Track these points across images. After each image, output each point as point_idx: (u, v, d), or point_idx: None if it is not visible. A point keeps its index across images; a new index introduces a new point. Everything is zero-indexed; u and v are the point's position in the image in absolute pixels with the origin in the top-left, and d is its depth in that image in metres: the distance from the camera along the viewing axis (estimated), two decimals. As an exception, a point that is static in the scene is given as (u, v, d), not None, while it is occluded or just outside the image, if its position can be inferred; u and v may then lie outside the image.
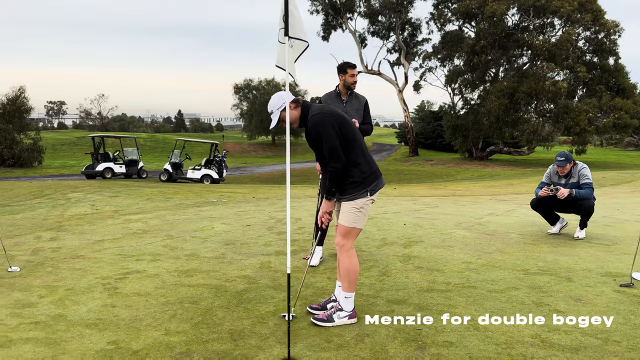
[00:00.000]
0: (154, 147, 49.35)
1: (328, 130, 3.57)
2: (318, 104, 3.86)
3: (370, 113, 5.79)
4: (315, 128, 3.60)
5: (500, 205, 10.80)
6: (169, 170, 25.81)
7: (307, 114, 3.65)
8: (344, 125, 3.67)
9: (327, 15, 42.30)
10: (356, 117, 5.59)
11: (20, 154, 32.20)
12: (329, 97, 5.74)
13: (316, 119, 3.60)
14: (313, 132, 3.62)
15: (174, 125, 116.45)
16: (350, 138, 3.68)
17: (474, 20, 40.54)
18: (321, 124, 3.59)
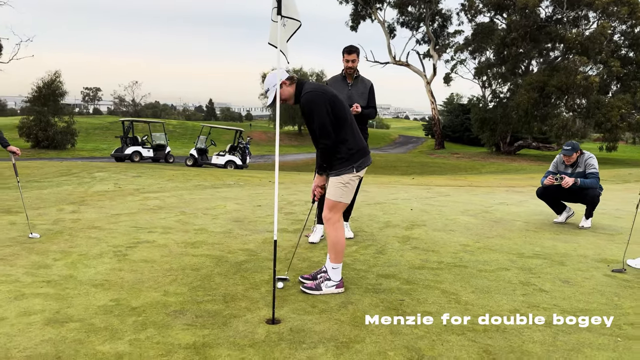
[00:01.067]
0: (183, 134, 50.28)
1: (320, 107, 3.75)
2: (312, 82, 4.04)
3: (375, 97, 5.92)
4: (307, 105, 3.78)
5: (514, 195, 10.79)
6: (195, 156, 26.38)
7: (302, 91, 3.84)
8: (336, 104, 3.84)
9: (357, 5, 42.13)
10: (360, 100, 5.73)
11: (54, 136, 33.34)
12: (335, 81, 5.90)
13: (308, 97, 3.78)
14: (306, 109, 3.80)
15: (205, 113, 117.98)
16: (341, 117, 3.86)
17: (505, 12, 39.78)
18: (313, 101, 3.77)
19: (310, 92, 3.80)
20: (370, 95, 5.86)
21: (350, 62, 5.66)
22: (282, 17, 3.39)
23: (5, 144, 5.99)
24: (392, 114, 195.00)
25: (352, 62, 5.65)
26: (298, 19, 3.42)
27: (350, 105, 5.71)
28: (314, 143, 3.95)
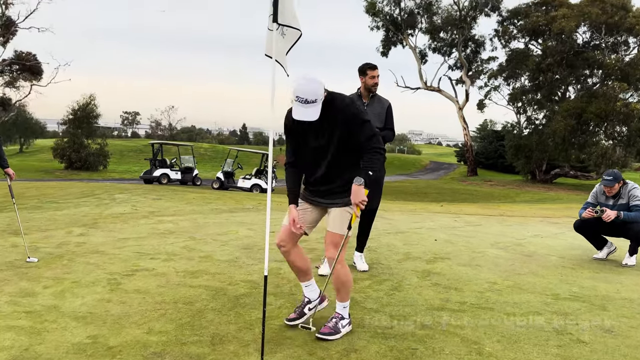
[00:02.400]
0: (214, 157, 50.76)
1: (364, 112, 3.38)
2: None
3: (393, 118, 5.50)
4: (353, 106, 3.28)
5: (549, 227, 10.08)
6: (221, 179, 26.36)
7: (333, 99, 3.28)
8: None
9: (388, 32, 42.05)
10: (377, 121, 5.33)
11: (87, 158, 34.06)
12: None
13: (350, 101, 3.32)
14: (351, 110, 3.25)
15: (238, 138, 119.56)
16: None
17: (541, 38, 39.00)
18: (357, 106, 3.38)
19: (349, 97, 3.38)
20: (388, 116, 5.45)
21: (376, 77, 5.29)
22: (280, 25, 3.02)
23: (4, 165, 5.79)
24: (425, 140, 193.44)
25: (377, 77, 5.29)
26: (298, 28, 3.04)
27: None
28: (316, 158, 3.44)
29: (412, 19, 41.20)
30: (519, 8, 39.35)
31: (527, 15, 38.40)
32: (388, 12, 41.39)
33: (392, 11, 41.30)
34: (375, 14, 40.95)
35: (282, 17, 2.93)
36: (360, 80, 5.43)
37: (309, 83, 3.09)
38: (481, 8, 39.18)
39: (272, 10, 2.93)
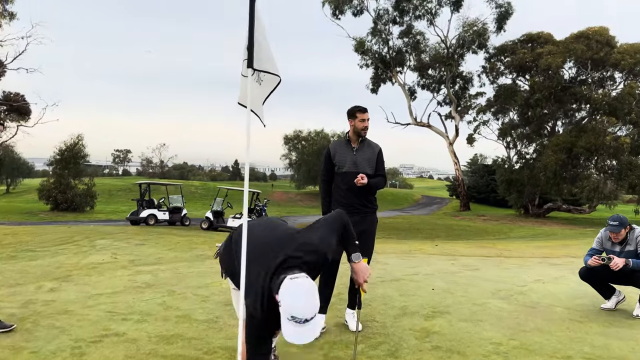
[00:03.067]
0: (205, 195, 50.15)
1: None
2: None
3: (384, 164, 5.17)
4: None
5: (550, 270, 9.66)
6: (210, 219, 25.79)
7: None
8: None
9: (377, 69, 42.49)
10: (367, 167, 4.99)
11: (73, 199, 33.40)
12: (338, 145, 5.23)
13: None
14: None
15: (231, 174, 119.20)
16: None
17: (528, 74, 39.49)
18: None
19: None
20: (379, 162, 5.11)
21: (366, 121, 4.97)
22: (256, 71, 2.67)
23: None
24: (416, 174, 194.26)
25: (367, 121, 4.98)
26: (277, 74, 2.69)
27: (356, 174, 4.96)
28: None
29: (400, 56, 41.72)
30: (505, 45, 39.98)
31: (513, 52, 38.99)
32: (377, 51, 41.93)
33: (381, 49, 41.86)
34: (364, 53, 41.44)
35: (258, 62, 2.59)
36: (349, 123, 5.12)
37: (308, 299, 2.55)
38: (468, 46, 39.78)
39: (246, 54, 2.59)
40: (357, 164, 5.01)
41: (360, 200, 5.00)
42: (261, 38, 2.62)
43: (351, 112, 5.06)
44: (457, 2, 37.87)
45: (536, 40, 38.67)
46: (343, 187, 5.06)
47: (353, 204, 4.98)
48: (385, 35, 40.74)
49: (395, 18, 40.18)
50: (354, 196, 4.99)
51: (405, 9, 39.15)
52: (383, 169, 5.11)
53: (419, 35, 40.78)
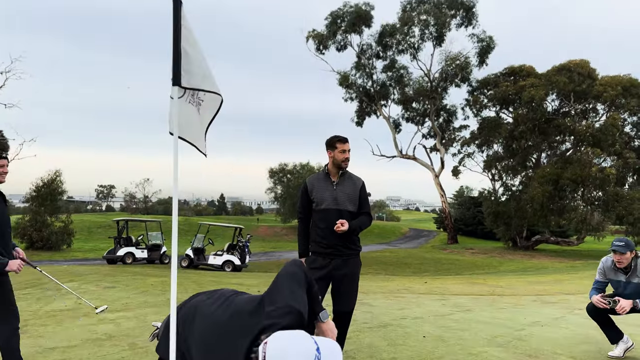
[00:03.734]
0: (187, 230, 48.97)
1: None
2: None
3: (368, 199, 4.60)
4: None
5: (547, 309, 9.06)
6: (191, 256, 24.84)
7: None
8: None
9: (362, 103, 42.56)
10: (349, 203, 4.44)
11: (49, 237, 32.20)
12: (316, 179, 4.68)
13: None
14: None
15: (216, 208, 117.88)
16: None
17: (511, 106, 39.78)
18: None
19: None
20: (362, 197, 4.55)
21: (347, 152, 4.45)
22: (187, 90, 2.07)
23: None
24: (403, 206, 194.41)
25: (348, 152, 4.45)
26: (216, 92, 2.06)
27: (337, 211, 4.40)
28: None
29: (384, 90, 41.87)
30: (488, 78, 40.36)
31: (496, 85, 39.32)
32: (361, 84, 42.07)
33: (365, 83, 42.00)
34: (348, 86, 41.54)
35: (188, 78, 1.96)
36: (328, 155, 4.59)
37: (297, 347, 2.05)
38: (451, 79, 40.10)
39: (173, 70, 1.98)
40: (337, 200, 4.45)
41: (342, 241, 4.44)
42: (190, 49, 2.01)
43: (330, 142, 4.53)
44: (439, 36, 38.32)
45: (518, 74, 39.10)
46: (322, 226, 4.49)
47: (333, 245, 4.43)
48: (369, 70, 40.98)
49: (378, 53, 40.51)
50: (334, 237, 4.42)
51: (388, 44, 39.49)
52: (367, 206, 4.55)
53: (403, 70, 41.09)
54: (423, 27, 38.30)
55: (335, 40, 39.77)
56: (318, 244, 4.51)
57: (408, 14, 38.36)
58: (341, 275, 4.44)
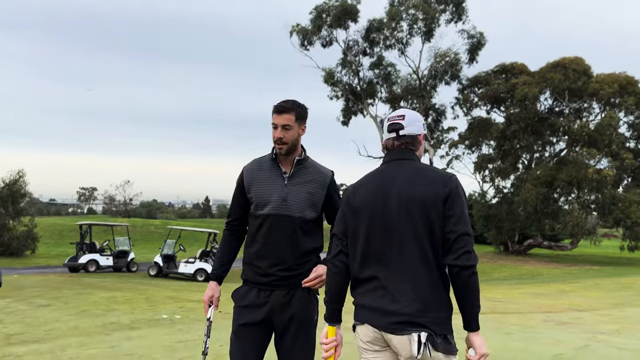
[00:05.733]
0: (165, 235, 46.93)
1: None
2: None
3: (338, 202, 2.87)
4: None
5: (564, 334, 7.47)
6: (159, 264, 22.89)
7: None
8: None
9: (348, 101, 40.85)
10: (307, 208, 2.84)
11: (10, 242, 29.95)
12: (257, 168, 2.97)
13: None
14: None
15: (201, 210, 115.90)
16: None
17: (503, 105, 38.40)
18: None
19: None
20: (331, 200, 2.91)
21: (281, 129, 2.77)
22: None
23: None
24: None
25: (285, 129, 2.77)
26: None
27: (287, 219, 2.83)
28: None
29: (371, 88, 40.25)
30: (478, 76, 38.94)
31: (487, 83, 37.93)
32: (347, 82, 40.42)
33: (351, 81, 40.33)
34: (334, 84, 39.86)
35: None
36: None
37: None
38: (440, 76, 38.56)
39: None
40: (288, 202, 2.79)
41: (288, 263, 2.81)
42: None
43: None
44: (429, 31, 36.77)
45: (510, 71, 37.76)
46: (261, 241, 2.86)
47: (275, 272, 2.80)
48: (355, 67, 39.30)
49: (365, 49, 38.87)
50: (278, 256, 2.80)
51: (375, 40, 37.89)
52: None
53: (390, 67, 39.44)
54: (411, 22, 36.71)
55: (320, 35, 37.99)
56: (252, 267, 2.88)
57: (396, 9, 36.74)
58: (287, 317, 2.81)
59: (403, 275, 2.15)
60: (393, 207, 2.19)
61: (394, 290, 2.15)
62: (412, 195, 2.18)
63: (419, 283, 2.13)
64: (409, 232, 2.15)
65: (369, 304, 2.22)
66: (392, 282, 2.17)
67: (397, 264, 2.17)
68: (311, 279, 2.75)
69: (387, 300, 2.16)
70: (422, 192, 2.17)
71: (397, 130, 2.35)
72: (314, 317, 2.86)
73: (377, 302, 2.19)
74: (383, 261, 2.20)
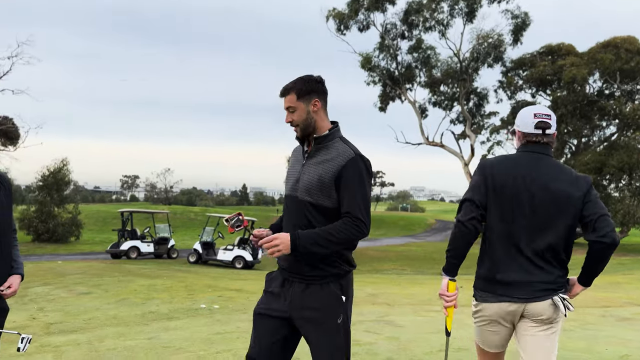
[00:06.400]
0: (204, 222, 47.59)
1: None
2: None
3: (357, 189, 2.52)
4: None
5: (627, 332, 6.92)
6: (199, 251, 23.13)
7: None
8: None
9: (385, 87, 40.11)
10: (315, 191, 2.53)
11: (55, 229, 30.87)
12: (296, 149, 2.84)
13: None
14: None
15: (239, 198, 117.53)
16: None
17: (549, 88, 36.88)
18: None
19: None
20: (344, 186, 2.51)
21: (287, 112, 2.62)
22: None
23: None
24: (427, 196, 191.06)
25: (290, 111, 2.60)
26: None
27: (295, 200, 2.60)
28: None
29: (409, 72, 39.36)
30: (523, 58, 37.51)
31: (532, 65, 36.50)
32: (385, 67, 39.65)
33: (389, 65, 39.54)
34: (371, 69, 39.17)
35: None
36: None
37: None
38: (483, 59, 37.30)
39: None
40: (299, 184, 2.59)
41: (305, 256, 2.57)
42: None
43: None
44: (471, 12, 35.54)
45: (557, 52, 36.21)
46: (283, 224, 2.73)
47: (292, 260, 2.56)
48: (393, 51, 38.44)
49: (403, 32, 37.96)
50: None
51: (414, 22, 36.91)
52: (353, 202, 2.49)
53: (430, 50, 38.43)
54: (452, 3, 35.57)
55: (357, 19, 37.32)
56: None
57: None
58: (301, 318, 2.53)
59: (543, 253, 2.57)
60: (537, 196, 2.53)
61: (534, 265, 2.58)
62: (557, 188, 2.54)
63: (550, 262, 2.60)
64: (549, 219, 2.54)
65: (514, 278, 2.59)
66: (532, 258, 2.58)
67: (538, 243, 2.57)
68: (265, 240, 2.45)
69: (527, 274, 2.58)
70: (565, 187, 2.54)
71: (545, 128, 2.62)
72: (336, 321, 2.50)
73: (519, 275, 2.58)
74: (523, 240, 2.57)
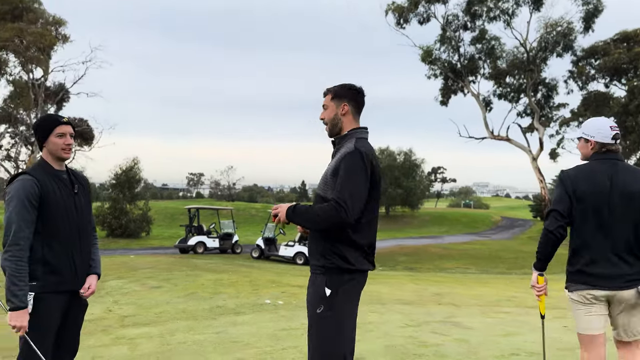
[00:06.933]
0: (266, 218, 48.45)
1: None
2: None
3: (342, 178, 2.68)
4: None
5: None
6: (261, 247, 23.56)
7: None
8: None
9: (447, 79, 39.07)
10: (324, 183, 2.79)
11: (127, 225, 32.51)
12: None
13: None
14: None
15: (298, 194, 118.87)
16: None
17: (624, 77, 34.62)
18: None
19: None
20: (339, 175, 2.69)
21: (322, 110, 2.94)
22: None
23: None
24: (491, 192, 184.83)
25: (324, 108, 2.92)
26: None
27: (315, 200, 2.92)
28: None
29: (472, 64, 38.12)
30: (595, 46, 35.36)
31: (605, 53, 34.33)
32: (446, 59, 38.64)
33: (451, 57, 38.48)
34: (432, 62, 38.27)
35: None
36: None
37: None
38: (551, 48, 35.51)
39: None
40: (322, 178, 2.86)
41: (310, 244, 2.90)
42: None
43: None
44: (538, 0, 33.98)
45: (633, 39, 33.88)
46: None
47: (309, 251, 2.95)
48: (455, 42, 37.36)
49: (466, 23, 36.81)
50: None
51: (477, 12, 35.69)
52: (340, 188, 2.64)
53: (494, 40, 37.01)
54: (519, -10, 34.20)
55: (417, 12, 36.57)
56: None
57: (501, -22, 34.45)
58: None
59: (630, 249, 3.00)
60: (617, 198, 2.92)
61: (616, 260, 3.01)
62: (636, 190, 2.95)
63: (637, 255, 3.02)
64: (630, 219, 2.95)
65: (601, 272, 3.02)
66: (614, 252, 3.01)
67: (619, 242, 2.99)
68: (273, 208, 2.82)
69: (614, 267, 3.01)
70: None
71: (617, 139, 3.07)
72: (316, 310, 2.66)
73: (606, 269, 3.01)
74: (609, 239, 2.99)
